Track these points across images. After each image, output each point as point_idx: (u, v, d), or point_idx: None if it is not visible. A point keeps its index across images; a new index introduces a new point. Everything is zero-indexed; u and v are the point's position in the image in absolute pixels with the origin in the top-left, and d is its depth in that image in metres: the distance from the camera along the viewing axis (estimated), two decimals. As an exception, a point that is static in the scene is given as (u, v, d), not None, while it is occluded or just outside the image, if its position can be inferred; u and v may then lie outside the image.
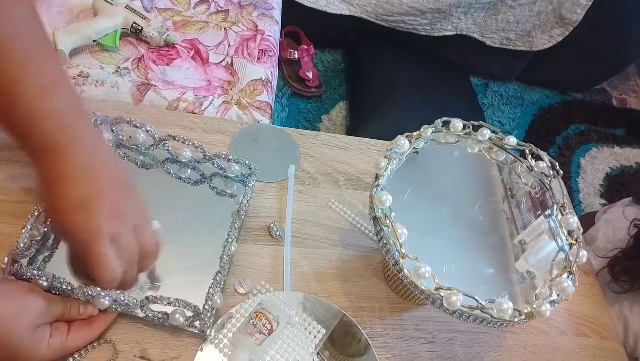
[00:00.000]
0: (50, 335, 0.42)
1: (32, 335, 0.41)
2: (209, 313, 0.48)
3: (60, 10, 0.88)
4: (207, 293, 0.49)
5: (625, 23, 1.66)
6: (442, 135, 0.57)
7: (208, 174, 0.61)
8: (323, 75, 1.68)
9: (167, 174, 0.60)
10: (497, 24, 1.60)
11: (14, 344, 0.40)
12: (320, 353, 0.52)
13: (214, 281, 0.50)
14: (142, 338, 0.48)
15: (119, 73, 0.83)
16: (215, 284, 0.50)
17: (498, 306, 0.44)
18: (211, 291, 0.49)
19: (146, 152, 0.60)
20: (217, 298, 0.49)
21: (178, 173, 0.60)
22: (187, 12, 0.99)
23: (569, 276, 0.46)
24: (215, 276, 0.51)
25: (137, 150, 0.60)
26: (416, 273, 0.45)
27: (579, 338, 0.63)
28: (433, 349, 0.56)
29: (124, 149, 0.60)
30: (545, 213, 0.52)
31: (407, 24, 1.56)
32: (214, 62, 0.92)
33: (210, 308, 0.48)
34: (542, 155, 0.56)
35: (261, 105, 0.90)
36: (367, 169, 0.69)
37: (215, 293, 0.49)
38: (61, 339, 0.43)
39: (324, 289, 0.57)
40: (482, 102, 1.82)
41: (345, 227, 0.63)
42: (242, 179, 0.61)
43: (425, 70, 1.63)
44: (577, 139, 1.84)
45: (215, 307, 0.49)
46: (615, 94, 2.09)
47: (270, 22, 1.05)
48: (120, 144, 0.60)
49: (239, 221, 0.56)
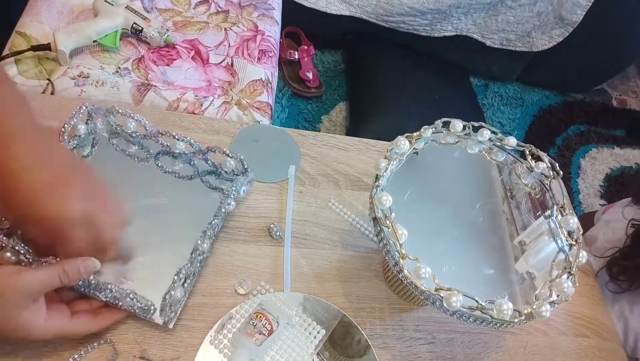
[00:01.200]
0: (50, 314, 0.42)
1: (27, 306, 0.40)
2: (168, 306, 0.48)
3: (61, 10, 0.88)
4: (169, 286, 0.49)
5: (625, 24, 1.66)
6: (442, 136, 0.57)
7: (202, 170, 0.61)
8: (323, 76, 1.68)
9: (159, 167, 0.60)
10: (497, 25, 1.60)
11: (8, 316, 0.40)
12: (320, 353, 0.52)
13: (176, 276, 0.49)
14: (142, 338, 0.48)
15: (119, 73, 0.83)
16: (177, 279, 0.49)
17: (498, 307, 0.44)
18: (172, 285, 0.49)
19: (140, 143, 0.60)
20: (177, 293, 0.48)
21: (171, 166, 0.60)
22: (187, 12, 0.99)
23: (569, 277, 0.46)
24: (178, 271, 0.49)
25: (130, 141, 0.60)
26: (416, 274, 0.45)
27: (579, 339, 0.63)
28: (433, 350, 0.56)
29: (118, 138, 0.60)
30: (545, 213, 0.52)
31: (407, 25, 1.56)
32: (214, 62, 0.92)
33: (169, 303, 0.48)
34: (542, 156, 0.56)
35: (261, 106, 0.90)
36: (367, 169, 0.69)
37: (177, 288, 0.48)
38: (61, 320, 0.43)
39: (324, 290, 0.57)
40: (482, 103, 1.82)
41: (346, 228, 0.63)
42: (232, 177, 0.61)
43: (425, 71, 1.63)
44: (577, 140, 1.84)
45: (174, 302, 0.49)
46: (615, 95, 2.08)
47: (271, 23, 1.05)
48: (115, 134, 0.60)
49: (217, 219, 0.55)
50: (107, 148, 0.60)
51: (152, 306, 0.48)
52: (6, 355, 0.44)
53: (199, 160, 0.60)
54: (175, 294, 0.48)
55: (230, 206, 0.56)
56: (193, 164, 0.61)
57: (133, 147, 0.60)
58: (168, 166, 0.60)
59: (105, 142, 0.60)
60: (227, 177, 0.61)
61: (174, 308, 0.49)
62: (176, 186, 0.59)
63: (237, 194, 0.58)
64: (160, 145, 0.59)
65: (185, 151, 0.59)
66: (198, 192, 0.59)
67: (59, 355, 0.45)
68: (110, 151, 0.60)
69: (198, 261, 0.52)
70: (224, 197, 0.57)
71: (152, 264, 0.52)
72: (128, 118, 0.59)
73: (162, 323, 0.48)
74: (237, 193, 0.58)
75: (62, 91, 0.79)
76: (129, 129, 0.59)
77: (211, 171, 0.61)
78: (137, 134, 0.59)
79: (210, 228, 0.53)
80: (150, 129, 0.59)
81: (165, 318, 0.48)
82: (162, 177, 0.59)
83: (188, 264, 0.50)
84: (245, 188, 0.60)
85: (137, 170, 0.59)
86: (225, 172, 0.60)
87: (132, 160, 0.60)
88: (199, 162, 0.61)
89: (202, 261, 0.53)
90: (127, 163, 0.59)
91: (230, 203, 0.56)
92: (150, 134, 0.59)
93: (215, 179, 0.60)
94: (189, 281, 0.51)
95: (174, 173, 0.60)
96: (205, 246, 0.52)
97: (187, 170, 0.60)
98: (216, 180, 0.60)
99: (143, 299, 0.47)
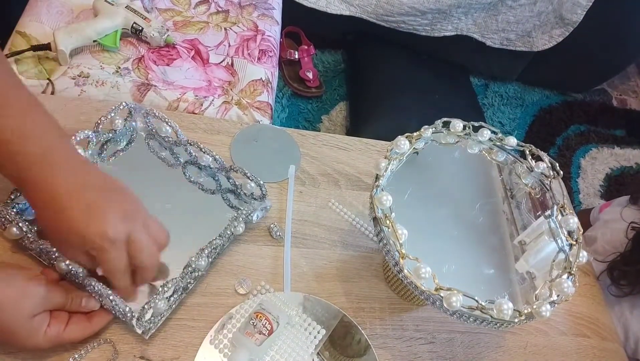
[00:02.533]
0: (49, 324, 0.43)
1: (30, 322, 0.41)
2: (146, 315, 0.46)
3: (61, 10, 0.88)
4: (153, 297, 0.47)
5: (626, 24, 1.66)
6: (442, 136, 0.57)
7: (224, 187, 0.60)
8: (323, 75, 1.68)
9: (185, 176, 0.60)
10: (498, 25, 1.60)
11: (12, 329, 0.41)
12: (320, 353, 0.52)
13: (161, 288, 0.47)
14: (142, 338, 0.48)
15: (119, 73, 0.83)
16: (162, 291, 0.47)
17: (498, 307, 0.44)
18: (155, 296, 0.47)
19: (171, 149, 0.61)
20: (160, 304, 0.47)
21: (196, 177, 0.60)
22: (187, 12, 0.99)
23: (569, 276, 0.46)
24: (165, 283, 0.48)
25: (163, 145, 0.61)
26: (416, 274, 0.45)
27: (578, 339, 0.63)
28: (433, 350, 0.56)
29: (153, 140, 0.61)
30: (545, 213, 0.52)
31: (408, 25, 1.56)
32: (214, 62, 0.92)
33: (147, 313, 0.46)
34: (542, 156, 0.56)
35: (261, 105, 0.90)
36: (368, 169, 0.69)
37: (161, 300, 0.47)
38: (59, 329, 0.43)
39: (324, 290, 0.57)
40: (482, 102, 1.82)
41: (346, 227, 0.63)
42: (249, 200, 0.59)
43: (425, 70, 1.63)
44: (577, 140, 1.84)
45: (156, 313, 0.47)
46: (615, 95, 2.08)
47: (271, 23, 1.05)
48: (151, 135, 0.61)
49: (220, 239, 0.53)
50: (141, 148, 0.61)
51: (130, 313, 0.46)
52: (6, 355, 0.44)
53: (222, 177, 0.60)
54: (156, 306, 0.47)
55: (238, 229, 0.55)
56: (217, 179, 0.61)
57: (165, 151, 0.61)
58: (194, 176, 0.60)
59: (141, 141, 0.61)
60: (246, 200, 0.59)
61: (154, 319, 0.47)
62: (196, 198, 0.59)
63: (248, 219, 0.57)
64: (189, 154, 0.60)
65: (210, 165, 0.59)
66: (216, 208, 0.59)
67: (59, 355, 0.45)
68: (143, 151, 0.61)
69: (191, 278, 0.50)
70: (232, 219, 0.55)
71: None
72: (163, 123, 0.59)
73: (140, 332, 0.47)
74: (248, 217, 0.56)
75: (62, 91, 0.79)
76: (162, 133, 0.60)
77: (232, 190, 0.60)
78: (169, 139, 0.60)
79: (210, 247, 0.51)
80: (181, 136, 0.59)
81: (142, 328, 0.46)
82: (185, 186, 0.60)
83: (178, 278, 0.49)
84: (259, 214, 0.58)
85: (163, 174, 0.60)
86: (244, 194, 0.59)
87: (162, 164, 0.60)
88: (222, 179, 0.60)
89: (196, 278, 0.51)
90: (156, 166, 0.60)
91: (237, 225, 0.55)
92: (180, 142, 0.59)
93: (235, 199, 0.60)
94: (176, 295, 0.49)
95: (198, 184, 0.60)
96: (202, 263, 0.50)
97: (210, 184, 0.60)
98: (236, 200, 0.60)
99: (122, 304, 0.46)
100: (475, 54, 1.72)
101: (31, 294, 0.42)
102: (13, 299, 0.41)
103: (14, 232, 0.47)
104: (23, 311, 0.41)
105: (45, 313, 0.43)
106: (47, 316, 0.43)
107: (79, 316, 0.46)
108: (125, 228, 0.43)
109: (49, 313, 0.43)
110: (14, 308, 0.40)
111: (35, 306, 0.42)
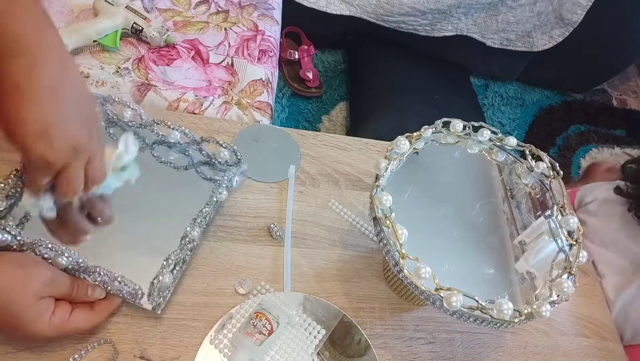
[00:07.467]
0: (54, 312, 0.43)
1: (35, 305, 0.41)
2: (156, 291, 0.48)
3: (61, 10, 0.88)
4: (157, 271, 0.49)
5: (625, 24, 1.66)
6: (442, 136, 0.57)
7: (196, 161, 0.61)
8: (323, 75, 1.68)
9: (154, 157, 0.60)
10: (498, 25, 1.60)
11: (18, 311, 0.40)
12: (320, 353, 0.52)
13: (165, 262, 0.49)
14: (142, 338, 0.48)
15: (119, 73, 0.83)
16: (166, 265, 0.49)
17: (498, 307, 0.44)
18: (160, 271, 0.49)
19: (136, 133, 0.60)
20: (166, 278, 0.49)
21: (166, 156, 0.60)
22: (187, 12, 0.99)
23: (569, 276, 0.46)
24: (167, 257, 0.50)
25: (126, 130, 0.60)
26: (416, 274, 0.45)
27: (579, 339, 0.63)
28: (433, 350, 0.56)
29: (115, 128, 0.60)
30: (545, 213, 0.52)
31: (408, 25, 1.56)
32: (214, 62, 0.92)
33: (157, 288, 0.48)
34: (542, 156, 0.56)
35: (261, 105, 0.90)
36: (368, 169, 0.69)
37: (166, 273, 0.49)
38: (63, 317, 0.43)
39: (324, 290, 0.57)
40: (482, 102, 1.82)
41: (346, 227, 0.63)
42: (225, 168, 0.61)
43: (425, 70, 1.63)
44: (577, 140, 1.84)
45: (163, 287, 0.49)
46: (615, 95, 2.09)
47: (271, 23, 1.05)
48: (112, 123, 0.60)
49: (209, 207, 0.55)
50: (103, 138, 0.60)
51: (140, 291, 0.48)
52: (6, 355, 0.44)
53: (193, 150, 0.61)
54: (163, 280, 0.48)
55: (222, 195, 0.57)
56: (188, 154, 0.61)
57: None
58: (163, 155, 0.60)
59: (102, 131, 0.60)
60: (221, 168, 0.61)
61: (162, 293, 0.49)
62: (170, 177, 0.59)
63: (229, 184, 0.58)
64: (156, 135, 0.60)
65: (180, 141, 0.60)
66: (192, 183, 0.60)
67: (59, 355, 0.45)
68: (106, 139, 0.59)
69: (188, 249, 0.52)
70: (216, 186, 0.57)
71: (143, 253, 0.52)
72: (124, 107, 0.59)
73: (151, 308, 0.48)
74: (229, 182, 0.58)
75: (62, 91, 0.78)
76: (125, 118, 0.59)
77: (205, 162, 0.61)
78: (133, 123, 0.60)
79: (201, 216, 0.54)
80: (145, 118, 0.59)
81: (153, 303, 0.48)
82: (156, 167, 0.60)
83: (177, 250, 0.51)
84: (238, 179, 0.60)
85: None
86: (219, 163, 0.60)
87: None
88: (194, 153, 0.61)
89: (192, 249, 0.53)
90: None
91: (222, 192, 0.57)
92: (146, 124, 0.59)
93: (210, 170, 0.61)
94: (178, 267, 0.51)
95: (169, 163, 0.60)
96: (195, 233, 0.52)
97: (182, 160, 0.61)
98: (210, 171, 0.61)
99: (131, 283, 0.47)
100: (475, 54, 1.72)
101: (38, 276, 0.42)
102: (20, 280, 0.41)
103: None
104: (30, 292, 0.41)
105: (50, 298, 0.43)
106: (52, 302, 0.43)
107: (83, 305, 0.46)
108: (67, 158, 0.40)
109: (54, 300, 0.43)
110: (21, 288, 0.40)
111: (43, 287, 0.42)
